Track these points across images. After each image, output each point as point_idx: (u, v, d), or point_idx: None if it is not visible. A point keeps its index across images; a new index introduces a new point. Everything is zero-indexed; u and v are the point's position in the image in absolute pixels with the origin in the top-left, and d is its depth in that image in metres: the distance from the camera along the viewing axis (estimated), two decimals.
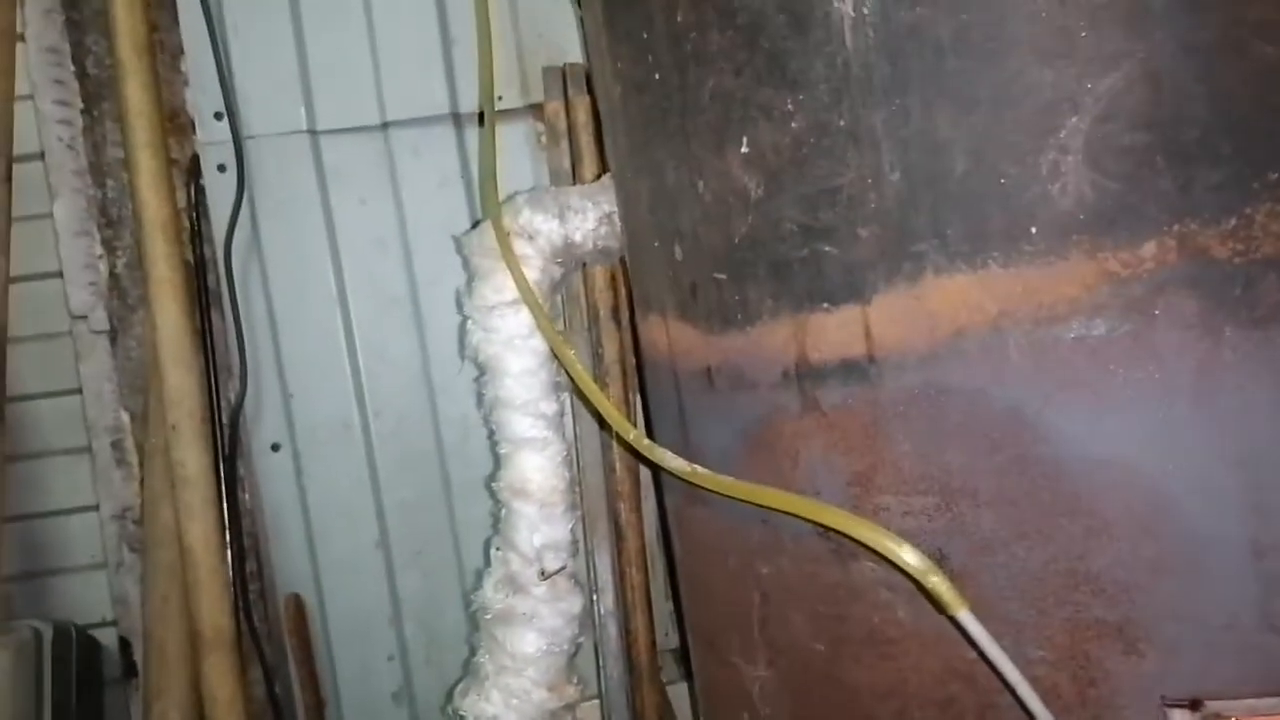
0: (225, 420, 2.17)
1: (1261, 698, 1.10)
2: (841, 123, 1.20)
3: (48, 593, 2.31)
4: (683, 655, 2.15)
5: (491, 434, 1.92)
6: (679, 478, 1.47)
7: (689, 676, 2.08)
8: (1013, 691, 1.13)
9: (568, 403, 1.97)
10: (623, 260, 1.91)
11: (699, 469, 1.43)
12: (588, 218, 1.82)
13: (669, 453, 1.49)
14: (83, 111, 2.23)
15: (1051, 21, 1.09)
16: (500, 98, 2.15)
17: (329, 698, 2.23)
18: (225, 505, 2.11)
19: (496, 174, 1.97)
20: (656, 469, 1.69)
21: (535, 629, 1.87)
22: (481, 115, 2.09)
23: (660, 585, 2.17)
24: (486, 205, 1.93)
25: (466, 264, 1.92)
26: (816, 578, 1.33)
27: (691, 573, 1.67)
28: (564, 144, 2.03)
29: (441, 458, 2.23)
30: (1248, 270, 1.08)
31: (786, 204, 1.26)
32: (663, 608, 2.17)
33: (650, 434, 1.62)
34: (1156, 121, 1.08)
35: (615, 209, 1.81)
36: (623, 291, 1.97)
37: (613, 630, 2.01)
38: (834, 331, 1.25)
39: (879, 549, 1.16)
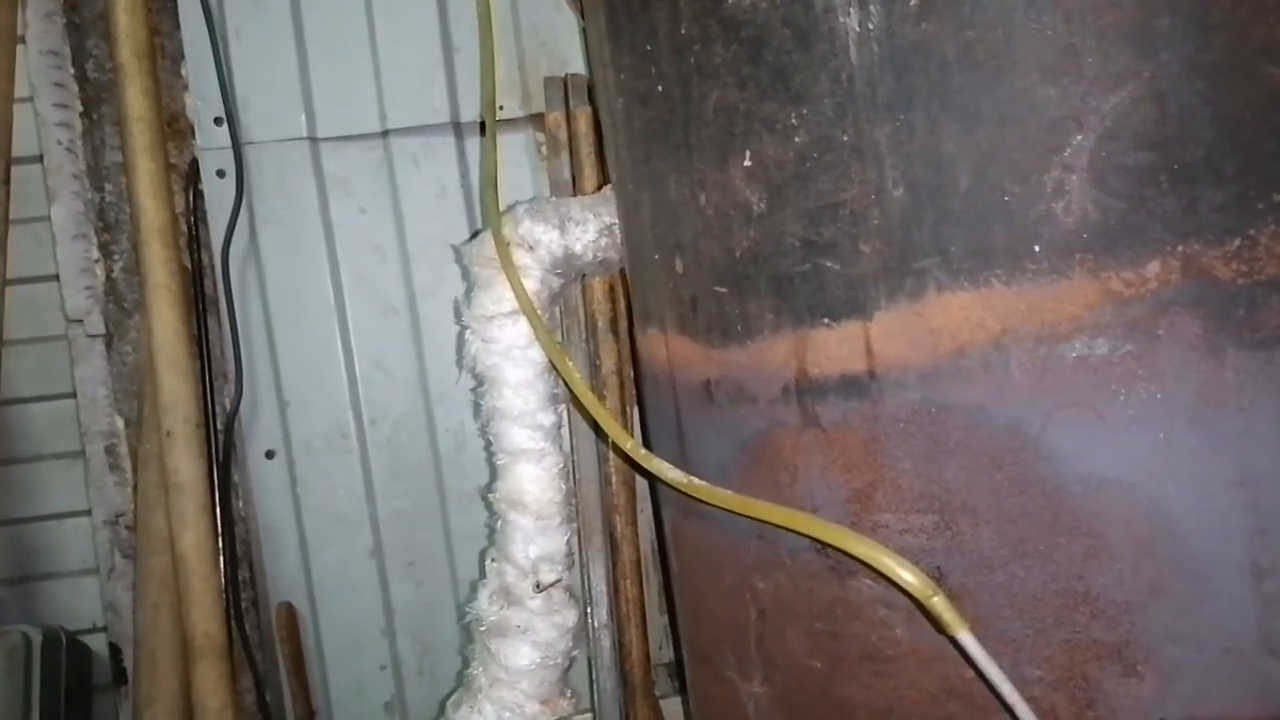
0: (220, 427, 2.16)
1: None
2: (845, 138, 1.19)
3: (38, 598, 2.30)
4: (677, 669, 2.14)
5: (488, 445, 1.92)
6: (676, 489, 1.46)
7: (683, 691, 2.07)
8: (1010, 712, 1.12)
9: (565, 415, 1.96)
10: (622, 272, 1.90)
11: (695, 480, 1.42)
12: (588, 229, 1.82)
13: (666, 463, 1.48)
14: (82, 115, 2.22)
15: (1057, 39, 1.09)
16: (502, 107, 2.16)
17: (320, 707, 2.22)
18: (219, 512, 2.10)
19: (497, 184, 1.97)
20: (654, 480, 1.69)
21: (529, 641, 1.86)
22: (483, 125, 2.09)
23: (655, 599, 2.16)
24: (487, 215, 1.93)
25: (466, 273, 1.91)
26: (814, 594, 1.32)
27: (687, 587, 1.67)
28: (565, 155, 2.03)
29: (437, 468, 2.23)
30: (1251, 291, 1.08)
31: (789, 218, 1.26)
32: (657, 621, 2.17)
33: (648, 447, 1.62)
34: (1161, 141, 1.08)
35: (615, 221, 1.80)
36: (621, 303, 1.97)
37: (607, 644, 1.99)
38: (835, 347, 1.25)
39: (879, 567, 1.15)
